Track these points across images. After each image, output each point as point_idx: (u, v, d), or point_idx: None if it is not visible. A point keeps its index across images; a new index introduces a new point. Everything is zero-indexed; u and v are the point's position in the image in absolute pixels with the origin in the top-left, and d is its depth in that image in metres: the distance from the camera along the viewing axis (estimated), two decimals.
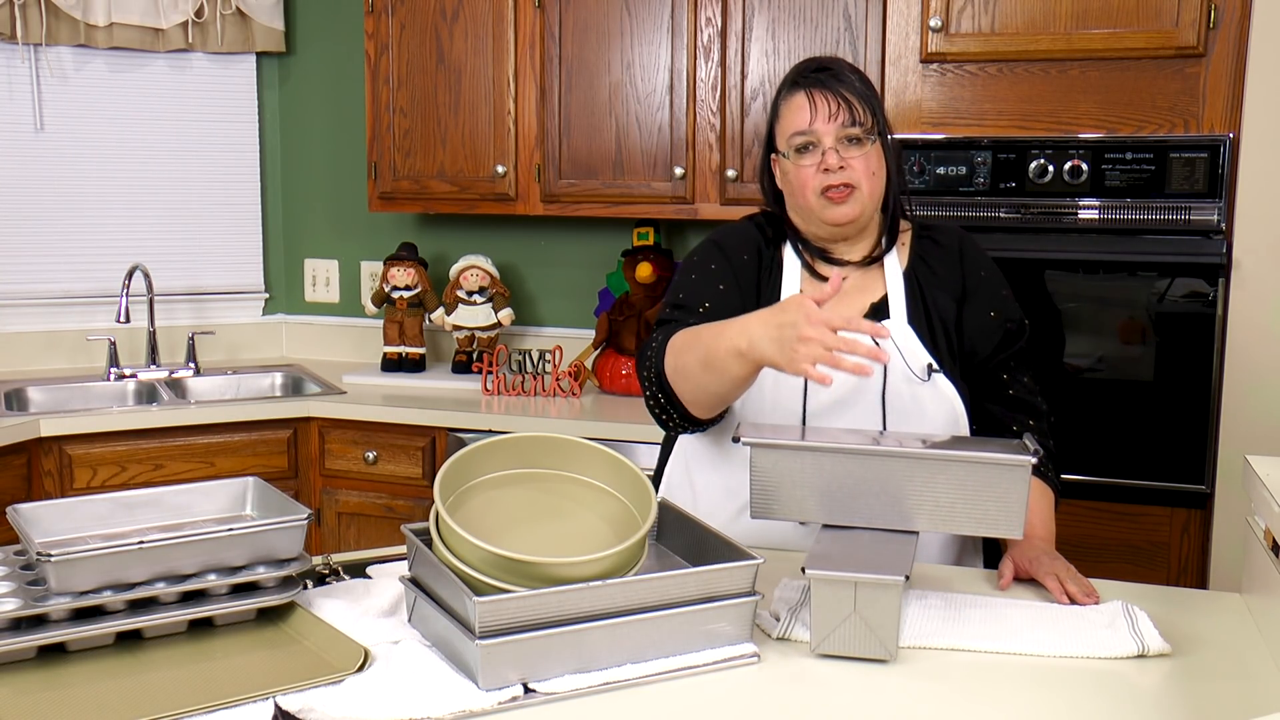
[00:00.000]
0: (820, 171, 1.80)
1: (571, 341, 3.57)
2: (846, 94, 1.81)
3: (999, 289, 1.91)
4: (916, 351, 1.81)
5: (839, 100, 1.80)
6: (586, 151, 3.25)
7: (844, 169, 1.79)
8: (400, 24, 3.39)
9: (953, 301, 1.87)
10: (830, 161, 1.79)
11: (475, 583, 1.35)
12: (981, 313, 1.88)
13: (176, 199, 3.78)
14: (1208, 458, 2.51)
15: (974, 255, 1.92)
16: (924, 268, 1.89)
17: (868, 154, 1.81)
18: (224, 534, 1.46)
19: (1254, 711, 1.30)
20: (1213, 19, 2.48)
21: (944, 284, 1.88)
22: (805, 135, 1.81)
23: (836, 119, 1.80)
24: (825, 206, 1.82)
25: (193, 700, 1.27)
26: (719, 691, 1.35)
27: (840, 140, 1.80)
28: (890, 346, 1.79)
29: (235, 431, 3.17)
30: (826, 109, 1.80)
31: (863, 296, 1.87)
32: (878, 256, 1.89)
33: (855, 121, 1.80)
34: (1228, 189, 2.49)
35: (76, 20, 3.50)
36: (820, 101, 1.81)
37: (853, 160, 1.80)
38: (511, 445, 1.56)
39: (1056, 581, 1.64)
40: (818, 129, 1.80)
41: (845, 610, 1.42)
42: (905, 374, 1.80)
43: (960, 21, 2.65)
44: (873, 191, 1.83)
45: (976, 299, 1.88)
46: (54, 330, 3.64)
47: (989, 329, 1.87)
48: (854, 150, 1.80)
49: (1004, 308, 1.90)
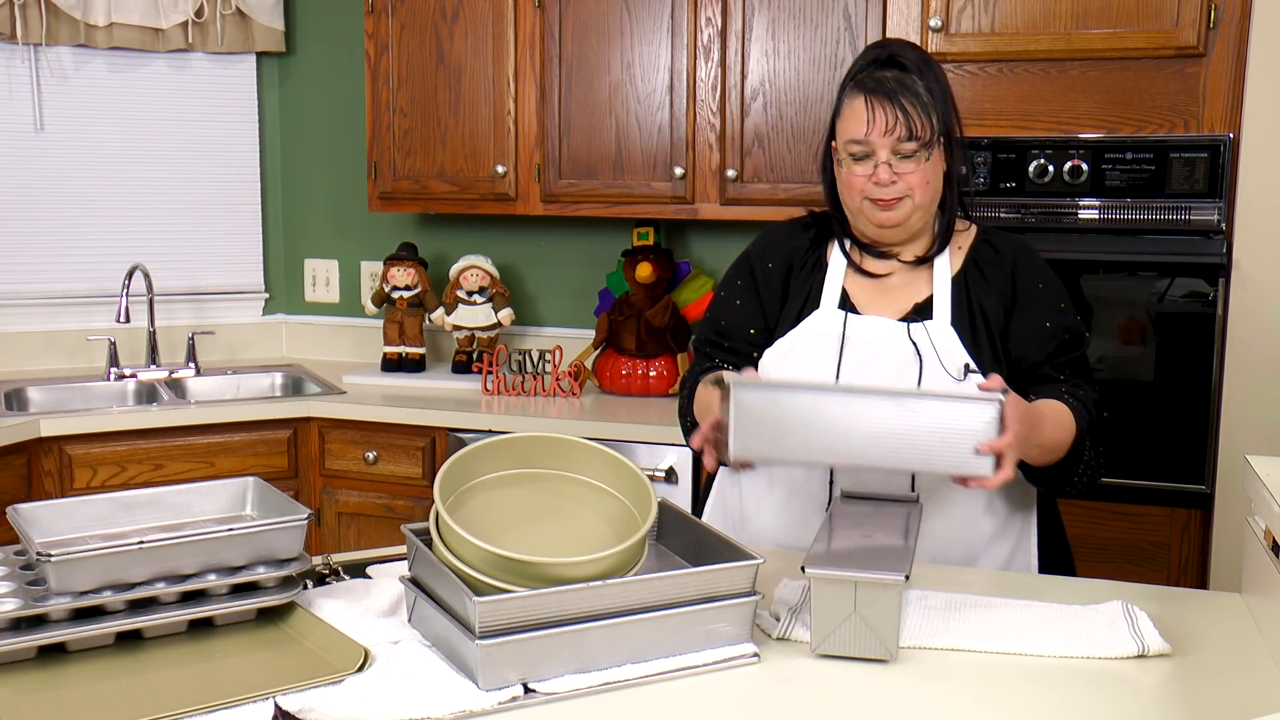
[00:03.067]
0: (872, 183, 1.80)
1: (571, 341, 3.57)
2: (907, 104, 1.77)
3: (1057, 301, 1.88)
4: (955, 352, 1.81)
5: (897, 113, 1.76)
6: (586, 151, 3.25)
7: (895, 183, 1.79)
8: (400, 24, 3.39)
9: (1002, 310, 1.86)
10: (882, 176, 1.78)
11: (475, 583, 1.35)
12: (1035, 322, 1.85)
13: (176, 199, 3.78)
14: (1208, 458, 2.51)
15: (1031, 267, 1.90)
16: (976, 273, 1.88)
17: (922, 166, 1.79)
18: (224, 534, 1.46)
19: (1254, 711, 1.30)
20: (1213, 19, 2.48)
21: (994, 292, 1.86)
22: (861, 145, 1.79)
23: (893, 133, 1.77)
24: (873, 210, 1.82)
25: (193, 700, 1.27)
26: (719, 691, 1.35)
27: (895, 153, 1.78)
28: (928, 346, 1.81)
29: (235, 431, 3.17)
30: (884, 122, 1.77)
31: (907, 295, 1.88)
32: (927, 258, 1.88)
33: (913, 135, 1.77)
34: (1228, 189, 2.49)
35: (76, 20, 3.50)
36: (879, 113, 1.77)
37: (906, 174, 1.79)
38: (511, 445, 1.56)
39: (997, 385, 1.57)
40: (873, 140, 1.78)
41: (845, 610, 1.42)
42: (941, 373, 1.80)
43: (960, 21, 2.65)
44: (923, 200, 1.82)
45: (1032, 310, 1.86)
46: (54, 330, 3.64)
47: (1041, 338, 1.85)
48: (907, 164, 1.79)
49: (1060, 318, 1.87)
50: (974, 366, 1.81)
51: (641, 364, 3.33)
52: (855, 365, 1.83)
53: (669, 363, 3.33)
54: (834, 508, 1.65)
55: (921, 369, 1.80)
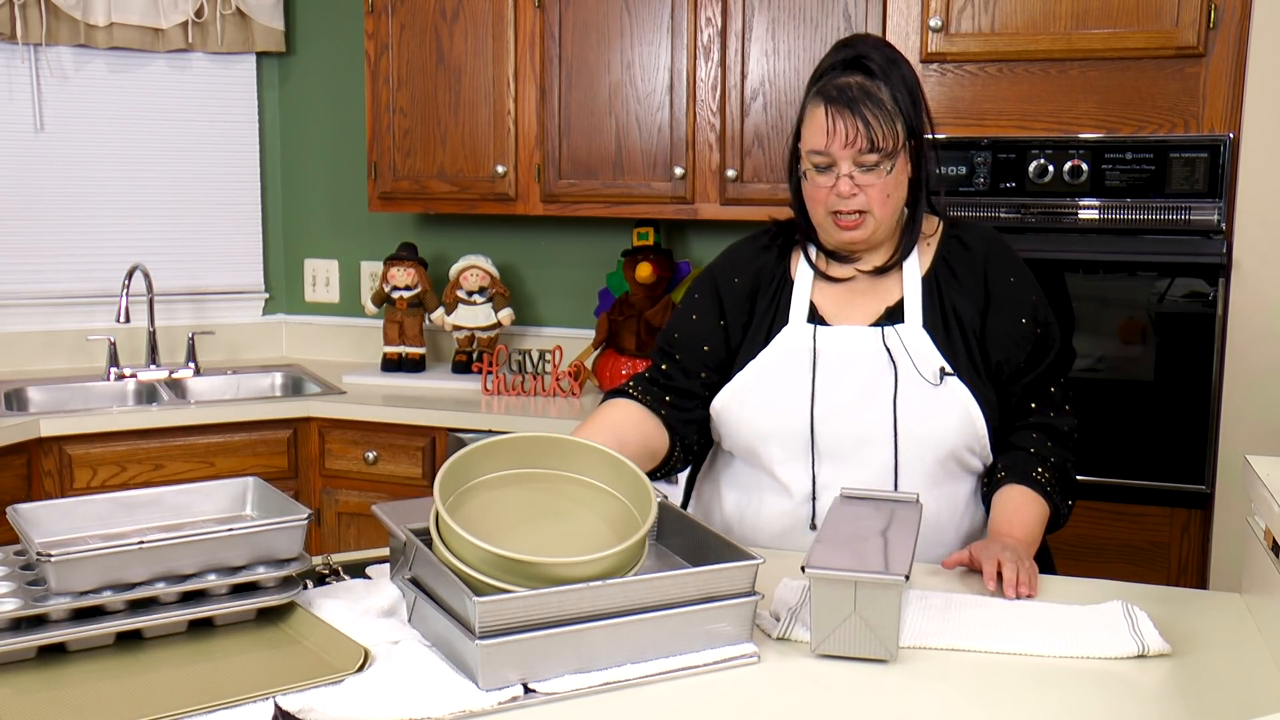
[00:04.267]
0: (834, 195, 1.78)
1: (571, 341, 3.57)
2: (869, 115, 1.73)
3: (1029, 294, 1.86)
4: (929, 355, 1.80)
5: (859, 124, 1.73)
6: (586, 151, 3.25)
7: (856, 195, 1.77)
8: (400, 24, 3.39)
9: (976, 310, 1.84)
10: (843, 189, 1.76)
11: (475, 583, 1.35)
12: (1010, 320, 1.84)
13: (176, 199, 3.78)
14: (1208, 458, 2.51)
15: (1001, 261, 1.87)
16: (946, 271, 1.86)
17: (884, 180, 1.77)
18: (224, 534, 1.46)
19: (1254, 711, 1.30)
20: (1213, 19, 2.48)
21: (966, 291, 1.84)
22: (822, 155, 1.77)
23: (854, 145, 1.74)
24: (834, 229, 1.81)
25: (193, 700, 1.27)
26: (719, 691, 1.35)
27: (857, 164, 1.76)
28: (901, 351, 1.80)
29: (235, 431, 3.17)
30: (844, 134, 1.74)
31: (878, 299, 1.86)
32: (889, 267, 1.86)
33: (874, 147, 1.74)
34: (1228, 189, 2.49)
35: (76, 20, 3.50)
36: (839, 125, 1.74)
37: (868, 187, 1.76)
38: (511, 445, 1.56)
39: (994, 565, 1.62)
40: (834, 151, 1.76)
41: (845, 610, 1.42)
42: (916, 378, 1.79)
43: (960, 21, 2.65)
44: (885, 215, 1.80)
45: (1006, 307, 1.84)
46: (54, 330, 3.64)
47: (1019, 336, 1.83)
48: (869, 176, 1.76)
49: (1034, 312, 1.85)
50: (949, 369, 1.80)
51: (641, 364, 3.33)
52: (829, 376, 1.81)
53: None
54: (834, 507, 1.65)
55: (897, 376, 1.79)
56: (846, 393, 1.80)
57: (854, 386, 1.80)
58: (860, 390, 1.80)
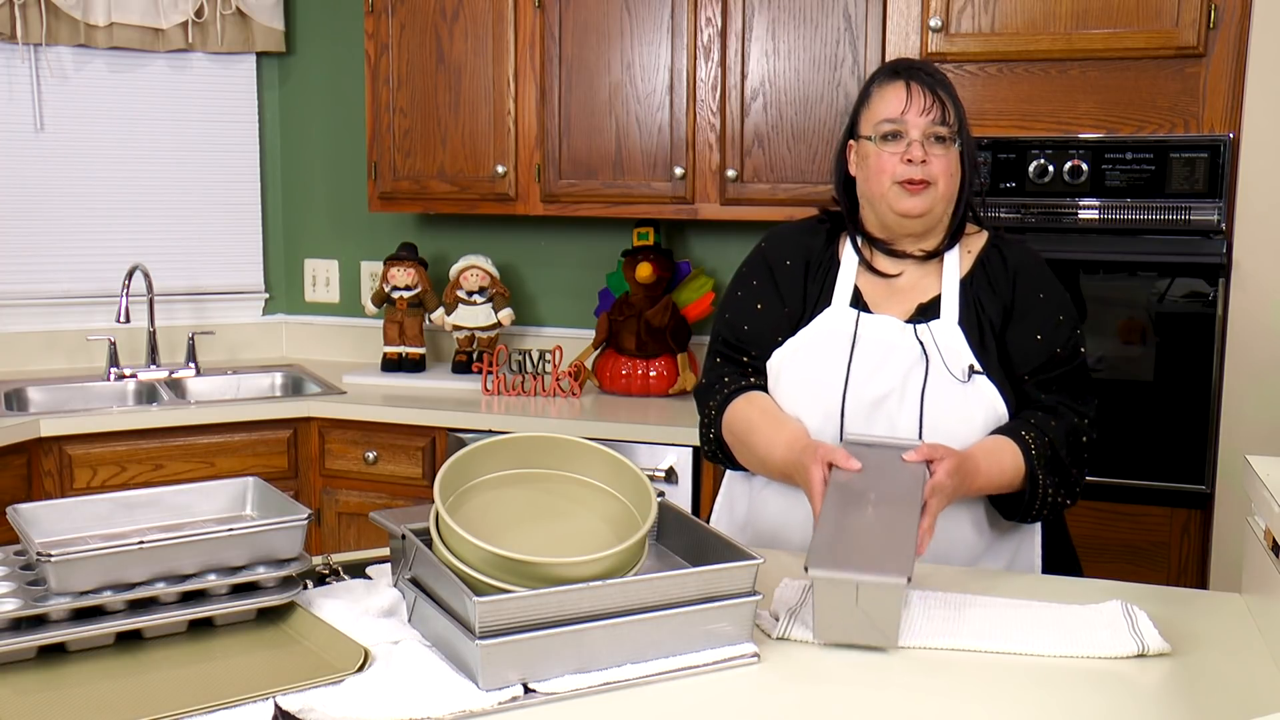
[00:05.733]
0: (903, 162, 1.83)
1: (571, 341, 3.57)
2: (941, 93, 1.85)
3: (1055, 314, 1.88)
4: (960, 352, 1.82)
5: (934, 97, 1.84)
6: (586, 151, 3.25)
7: (925, 164, 1.83)
8: (400, 24, 3.39)
9: (1001, 317, 1.88)
10: (914, 154, 1.83)
11: (475, 583, 1.35)
12: (1027, 334, 1.86)
13: (176, 199, 3.78)
14: (1208, 458, 2.51)
15: (1033, 277, 1.91)
16: (982, 277, 1.90)
17: (949, 155, 1.85)
18: (224, 534, 1.46)
19: (1254, 711, 1.30)
20: (1213, 19, 2.48)
21: (996, 298, 1.88)
22: (895, 124, 1.85)
23: (929, 114, 1.84)
24: (899, 196, 1.85)
25: (193, 700, 1.27)
26: (719, 691, 1.35)
27: (927, 136, 1.84)
28: (933, 346, 1.83)
29: (235, 431, 3.17)
30: (922, 102, 1.84)
31: (914, 295, 1.89)
32: (937, 252, 1.90)
33: (944, 121, 1.85)
34: (1228, 189, 2.49)
35: (76, 20, 3.50)
36: (917, 93, 1.84)
37: (935, 158, 1.84)
38: (511, 445, 1.56)
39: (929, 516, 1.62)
40: (909, 119, 1.84)
41: (848, 605, 1.43)
42: (946, 374, 1.81)
43: (960, 21, 2.65)
44: (947, 191, 1.86)
45: (1026, 320, 1.87)
46: (54, 330, 3.64)
47: (1031, 350, 1.86)
48: (937, 148, 1.84)
49: (1055, 332, 1.87)
50: (979, 368, 1.82)
51: (641, 364, 3.33)
52: (865, 365, 1.83)
53: (669, 363, 3.33)
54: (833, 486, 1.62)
55: (928, 370, 1.81)
56: (879, 385, 1.82)
57: (887, 379, 1.82)
58: (891, 383, 1.82)
